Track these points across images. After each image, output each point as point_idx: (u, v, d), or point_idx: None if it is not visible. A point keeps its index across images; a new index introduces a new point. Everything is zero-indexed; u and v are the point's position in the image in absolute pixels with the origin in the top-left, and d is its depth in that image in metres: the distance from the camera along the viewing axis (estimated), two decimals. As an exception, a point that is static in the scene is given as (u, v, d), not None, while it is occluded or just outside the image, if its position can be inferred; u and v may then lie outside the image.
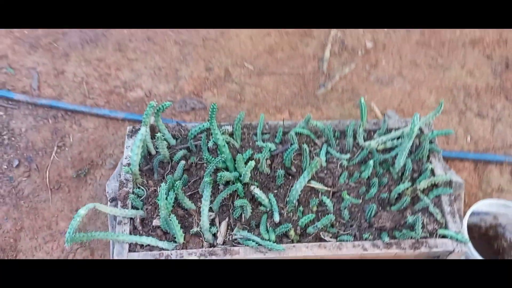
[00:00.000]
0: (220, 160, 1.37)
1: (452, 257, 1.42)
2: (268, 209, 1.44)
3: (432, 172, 1.51)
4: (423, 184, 1.45)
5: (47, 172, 2.02)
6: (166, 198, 1.33)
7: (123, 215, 1.38)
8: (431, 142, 1.56)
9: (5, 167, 2.03)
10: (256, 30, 2.52)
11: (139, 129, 1.48)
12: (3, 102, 2.19)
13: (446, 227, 1.43)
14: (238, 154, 1.38)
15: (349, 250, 1.38)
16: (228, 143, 1.49)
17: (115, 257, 1.34)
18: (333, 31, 2.51)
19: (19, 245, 1.86)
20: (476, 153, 2.08)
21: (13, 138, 2.11)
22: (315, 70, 2.37)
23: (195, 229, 1.38)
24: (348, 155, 1.54)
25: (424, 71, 2.37)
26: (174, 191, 1.36)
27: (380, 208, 1.46)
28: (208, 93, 2.27)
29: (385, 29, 2.53)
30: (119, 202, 1.42)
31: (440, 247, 1.39)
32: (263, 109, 2.21)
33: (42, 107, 2.19)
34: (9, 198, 1.96)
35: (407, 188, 1.46)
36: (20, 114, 2.17)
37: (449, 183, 1.47)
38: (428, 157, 1.54)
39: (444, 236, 1.41)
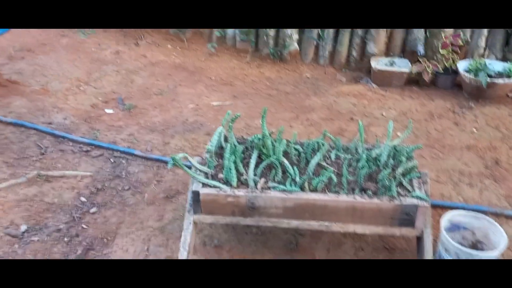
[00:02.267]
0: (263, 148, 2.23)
1: (418, 213, 2.02)
2: (292, 177, 2.19)
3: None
4: (400, 170, 2.16)
5: (146, 194, 2.90)
6: (229, 157, 2.17)
7: (201, 168, 2.21)
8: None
9: (120, 189, 2.95)
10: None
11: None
12: (127, 156, 3.23)
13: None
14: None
15: (343, 198, 2.06)
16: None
17: (194, 189, 2.12)
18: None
19: (119, 231, 2.64)
20: (465, 203, 2.69)
21: (128, 176, 3.07)
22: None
23: (244, 175, 2.16)
24: (350, 156, 2.31)
25: (427, 160, 3.15)
26: (235, 155, 2.20)
27: (368, 180, 2.16)
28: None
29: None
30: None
31: (408, 202, 2.02)
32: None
33: (151, 160, 3.19)
34: (118, 205, 2.82)
35: (389, 173, 2.16)
36: (136, 163, 3.18)
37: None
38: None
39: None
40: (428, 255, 2.08)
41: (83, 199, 2.86)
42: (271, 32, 4.45)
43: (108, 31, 5.09)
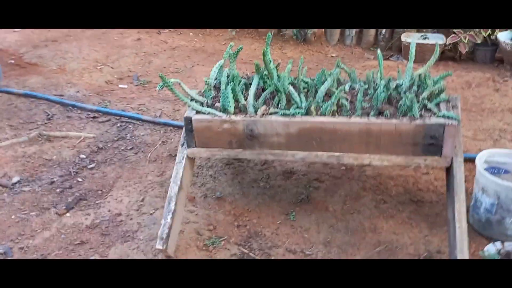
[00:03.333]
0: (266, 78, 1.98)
1: (446, 136, 1.69)
2: (298, 104, 1.92)
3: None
4: (425, 94, 1.84)
5: (150, 154, 2.69)
6: (227, 83, 1.94)
7: (196, 97, 1.98)
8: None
9: (122, 149, 2.75)
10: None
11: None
12: (135, 121, 3.05)
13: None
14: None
15: (356, 120, 1.76)
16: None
17: (186, 115, 1.89)
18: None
19: (116, 184, 2.42)
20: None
21: (133, 138, 2.87)
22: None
23: (243, 102, 1.90)
24: (366, 86, 2.01)
25: (464, 122, 2.78)
26: (234, 83, 1.96)
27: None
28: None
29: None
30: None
31: (433, 121, 1.70)
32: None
33: (159, 124, 2.99)
34: (118, 162, 2.62)
35: (412, 97, 1.84)
36: (142, 127, 2.99)
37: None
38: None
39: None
40: (460, 190, 1.72)
41: (82, 156, 2.68)
42: (294, 12, 4.25)
43: (132, 22, 5.06)
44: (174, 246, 1.92)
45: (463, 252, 1.64)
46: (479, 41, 3.71)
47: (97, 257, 1.97)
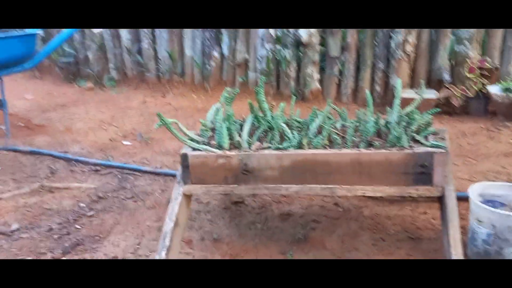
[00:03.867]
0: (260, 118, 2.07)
1: (435, 164, 1.72)
2: (291, 141, 1.98)
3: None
4: (413, 127, 1.91)
5: (148, 201, 2.72)
6: (222, 121, 2.02)
7: (193, 136, 2.05)
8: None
9: (122, 198, 2.78)
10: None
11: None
12: (136, 173, 3.11)
13: (428, 145, 1.80)
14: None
15: (347, 151, 1.81)
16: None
17: (183, 152, 1.95)
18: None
19: (113, 230, 2.43)
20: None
21: (133, 187, 2.92)
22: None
23: (237, 139, 1.96)
24: (357, 123, 2.08)
25: (460, 166, 2.81)
26: (228, 122, 2.04)
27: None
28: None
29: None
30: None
31: (422, 150, 1.74)
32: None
33: (159, 175, 3.04)
34: (117, 209, 2.64)
35: (400, 130, 1.91)
36: (143, 178, 3.04)
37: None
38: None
39: (426, 148, 1.77)
40: (453, 217, 1.72)
41: (82, 205, 2.70)
42: (292, 73, 4.45)
43: (138, 87, 5.28)
44: (169, 284, 1.89)
45: (461, 280, 1.61)
46: (471, 95, 3.84)
47: (91, 298, 1.93)
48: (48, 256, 2.22)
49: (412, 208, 2.41)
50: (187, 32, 4.91)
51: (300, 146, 1.90)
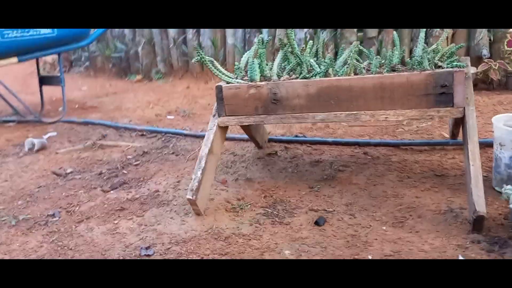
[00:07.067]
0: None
1: (456, 83, 1.80)
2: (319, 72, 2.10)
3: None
4: (437, 56, 1.99)
5: (189, 155, 2.91)
6: (253, 57, 2.19)
7: (228, 74, 2.23)
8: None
9: (165, 153, 2.99)
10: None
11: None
12: (178, 136, 3.33)
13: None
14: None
15: (370, 75, 1.92)
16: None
17: (218, 85, 2.12)
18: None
19: (156, 174, 2.63)
20: None
21: (175, 147, 3.12)
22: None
23: (268, 72, 2.12)
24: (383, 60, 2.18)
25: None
26: (260, 59, 2.20)
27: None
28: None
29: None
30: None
31: (442, 70, 1.83)
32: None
33: (200, 137, 3.24)
34: (160, 161, 2.84)
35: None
36: (184, 140, 3.24)
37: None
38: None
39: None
40: (473, 134, 1.78)
41: (129, 157, 2.93)
42: (330, 55, 4.57)
43: (183, 77, 5.58)
44: (203, 203, 2.05)
45: (477, 187, 1.67)
46: (510, 69, 3.81)
47: (134, 218, 2.12)
48: (98, 190, 2.45)
49: (440, 155, 2.46)
50: (230, 22, 5.16)
51: (326, 75, 2.02)
